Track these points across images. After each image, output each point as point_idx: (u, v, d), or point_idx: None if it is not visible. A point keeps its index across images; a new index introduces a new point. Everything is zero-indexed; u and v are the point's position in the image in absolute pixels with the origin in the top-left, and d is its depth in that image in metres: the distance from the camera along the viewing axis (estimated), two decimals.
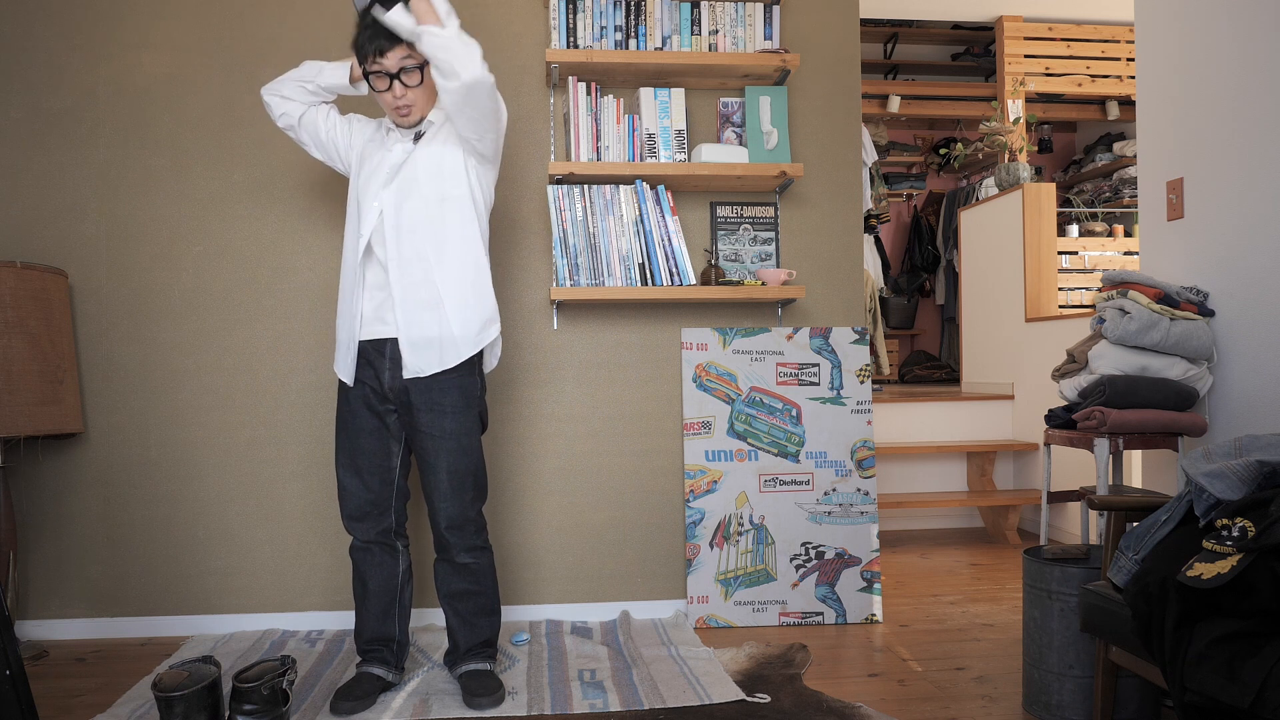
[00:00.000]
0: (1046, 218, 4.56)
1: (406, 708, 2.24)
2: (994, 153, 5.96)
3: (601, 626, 2.91)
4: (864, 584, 3.00)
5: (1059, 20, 5.78)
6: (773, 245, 3.10)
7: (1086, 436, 2.70)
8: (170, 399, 2.91)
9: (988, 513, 4.49)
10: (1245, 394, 2.59)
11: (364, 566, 2.36)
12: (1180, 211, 2.83)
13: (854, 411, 3.05)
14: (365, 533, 2.34)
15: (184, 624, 2.90)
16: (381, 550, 2.36)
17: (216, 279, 2.94)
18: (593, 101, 2.89)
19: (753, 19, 2.98)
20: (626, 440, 3.04)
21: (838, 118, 3.15)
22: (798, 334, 3.06)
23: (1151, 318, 2.61)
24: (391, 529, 2.36)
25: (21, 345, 2.60)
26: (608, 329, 3.04)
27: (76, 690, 2.42)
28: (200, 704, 1.90)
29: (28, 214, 2.89)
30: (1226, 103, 2.64)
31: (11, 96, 2.89)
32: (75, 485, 2.89)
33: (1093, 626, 1.91)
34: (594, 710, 2.20)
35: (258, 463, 2.93)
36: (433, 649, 2.68)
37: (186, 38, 2.94)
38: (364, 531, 2.34)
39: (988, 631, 2.85)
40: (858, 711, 2.16)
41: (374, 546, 2.36)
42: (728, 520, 2.98)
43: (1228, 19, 2.63)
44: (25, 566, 2.88)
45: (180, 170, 2.93)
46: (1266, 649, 1.44)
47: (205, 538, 2.92)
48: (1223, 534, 1.59)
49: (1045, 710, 2.13)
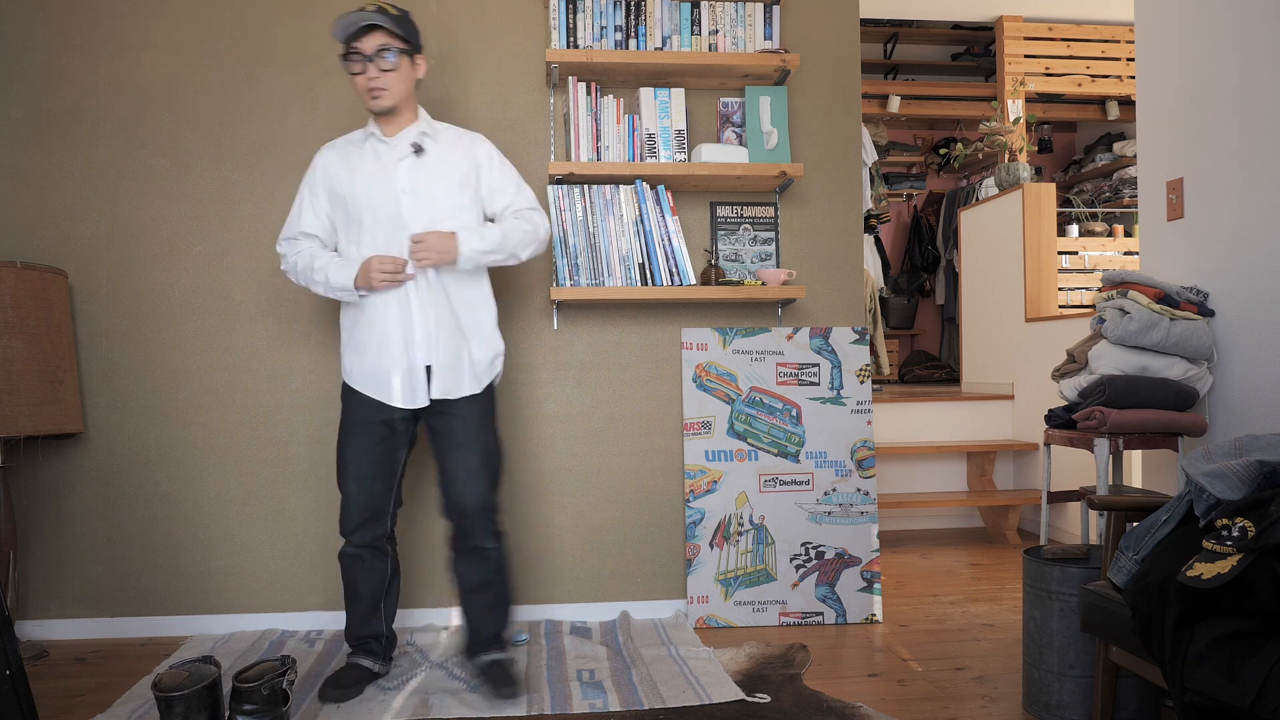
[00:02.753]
0: (1046, 218, 4.56)
1: (406, 708, 2.24)
2: (994, 153, 5.96)
3: (601, 626, 2.91)
4: (864, 584, 3.00)
5: (1059, 20, 5.78)
6: (773, 245, 3.10)
7: (1086, 436, 2.70)
8: (170, 399, 2.91)
9: (988, 513, 4.49)
10: (1245, 394, 2.59)
11: (354, 572, 2.40)
12: (1180, 211, 2.83)
13: (854, 411, 3.05)
14: (362, 538, 2.37)
15: (184, 624, 2.90)
16: (373, 555, 2.40)
17: (216, 279, 2.94)
18: (593, 101, 2.89)
19: (753, 19, 2.98)
20: (626, 440, 3.04)
21: (838, 118, 3.15)
22: (798, 334, 3.06)
23: (1151, 318, 2.60)
24: (385, 534, 2.41)
25: (21, 345, 2.60)
26: (608, 329, 3.04)
27: (76, 690, 2.42)
28: (200, 704, 1.90)
29: (28, 214, 2.89)
30: (1226, 103, 2.64)
31: (11, 96, 2.89)
32: (75, 485, 2.89)
33: (1093, 626, 1.91)
34: (594, 710, 2.20)
35: (258, 463, 2.93)
36: (432, 649, 2.68)
37: (186, 38, 2.94)
38: (361, 537, 2.37)
39: (988, 631, 2.85)
40: (858, 711, 2.16)
41: (365, 552, 2.39)
42: (728, 520, 2.98)
43: (1228, 19, 2.63)
44: (25, 566, 2.88)
45: (180, 170, 2.93)
46: (1266, 649, 1.44)
47: (205, 538, 2.92)
48: (1223, 534, 1.59)
49: (1045, 710, 2.13)
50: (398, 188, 2.30)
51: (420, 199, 2.30)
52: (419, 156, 2.31)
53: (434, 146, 2.35)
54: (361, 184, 2.31)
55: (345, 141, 2.40)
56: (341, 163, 2.35)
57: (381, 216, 2.29)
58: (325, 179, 2.36)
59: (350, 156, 2.35)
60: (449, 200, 2.32)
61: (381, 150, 2.32)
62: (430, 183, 2.31)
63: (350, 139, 2.40)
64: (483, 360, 2.38)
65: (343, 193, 2.33)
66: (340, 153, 2.37)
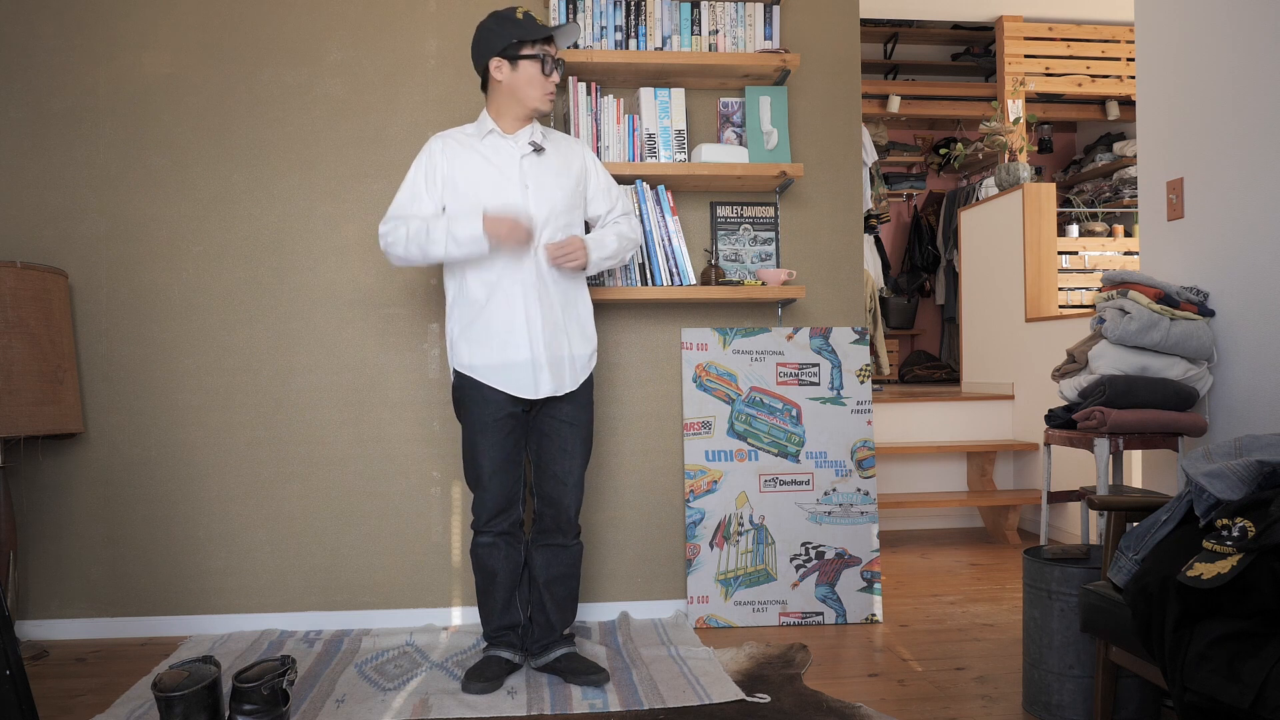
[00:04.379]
0: (1046, 218, 4.56)
1: (406, 708, 2.24)
2: (994, 153, 5.96)
3: (600, 626, 2.91)
4: (864, 584, 3.00)
5: (1059, 20, 5.78)
6: (773, 245, 3.10)
7: (1086, 436, 2.70)
8: (170, 399, 2.91)
9: (988, 513, 4.49)
10: (1245, 394, 2.59)
11: (492, 561, 2.44)
12: (1180, 211, 2.83)
13: (854, 411, 3.05)
14: (499, 526, 2.44)
15: (183, 624, 2.90)
16: (508, 543, 2.46)
17: (216, 279, 2.94)
18: (593, 101, 2.89)
19: (753, 19, 2.98)
20: (626, 440, 3.04)
21: (838, 118, 3.15)
22: (798, 334, 3.06)
23: (1151, 318, 2.60)
24: (519, 520, 2.48)
25: (21, 345, 2.60)
26: (607, 329, 3.04)
27: (76, 690, 2.42)
28: (200, 704, 1.90)
29: (28, 214, 2.89)
30: (1226, 103, 2.64)
31: (11, 96, 2.89)
32: (75, 485, 2.89)
33: (1093, 626, 1.91)
34: (594, 710, 2.20)
35: (258, 463, 2.93)
36: (432, 649, 2.68)
37: (186, 38, 2.94)
38: (498, 525, 2.44)
39: (988, 631, 2.85)
40: (858, 711, 2.16)
41: (502, 540, 2.45)
42: (728, 520, 2.98)
43: (1228, 19, 2.63)
44: (25, 566, 2.88)
45: (180, 170, 2.93)
46: (1266, 649, 1.44)
47: (205, 538, 2.92)
48: (1223, 534, 1.59)
49: (1045, 710, 2.13)
50: (521, 181, 2.38)
51: (541, 193, 2.39)
52: (539, 155, 2.42)
53: (550, 147, 2.46)
54: (485, 174, 2.38)
55: (461, 133, 2.46)
56: (463, 151, 2.41)
57: (501, 207, 2.36)
58: (444, 165, 2.41)
59: (470, 147, 2.42)
60: (564, 196, 2.43)
61: (502, 145, 2.41)
62: (548, 179, 2.41)
63: (465, 131, 2.47)
64: (583, 355, 2.47)
65: (461, 180, 2.39)
66: (459, 143, 2.43)
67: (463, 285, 2.40)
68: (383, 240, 2.41)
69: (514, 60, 2.35)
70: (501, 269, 2.36)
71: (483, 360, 2.37)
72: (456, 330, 2.42)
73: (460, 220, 2.31)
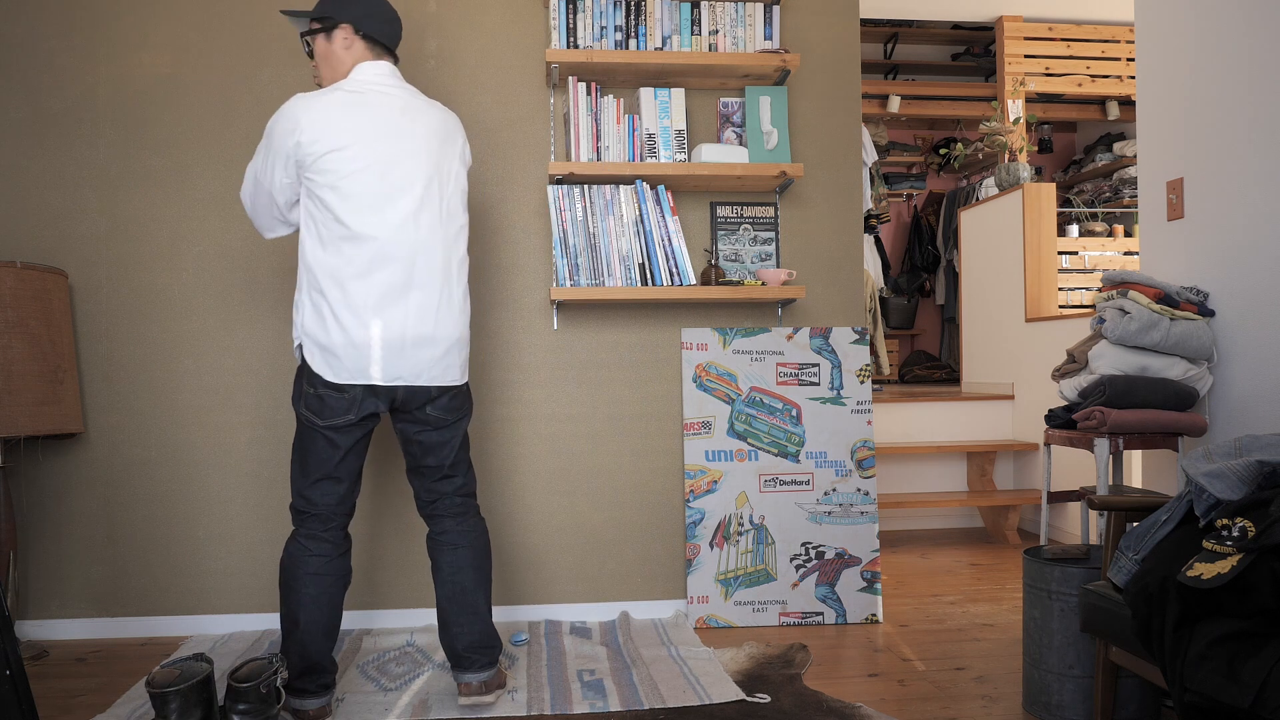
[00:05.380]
0: (1046, 218, 4.56)
1: (408, 708, 2.24)
2: (994, 153, 5.96)
3: (601, 626, 2.91)
4: (864, 584, 3.00)
5: (1059, 20, 5.78)
6: (773, 245, 3.10)
7: (1086, 436, 2.70)
8: (170, 399, 2.91)
9: (988, 513, 4.49)
10: (1245, 394, 2.59)
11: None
12: (1180, 211, 2.83)
13: (854, 411, 3.05)
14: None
15: (183, 624, 2.90)
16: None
17: (216, 279, 2.94)
18: (593, 101, 2.89)
19: (753, 19, 2.98)
20: (626, 440, 3.04)
21: (838, 118, 3.15)
22: (798, 334, 3.06)
23: (1151, 318, 2.60)
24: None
25: (21, 345, 2.60)
26: (608, 329, 3.04)
27: (76, 690, 2.42)
28: (194, 700, 1.90)
29: (28, 214, 2.89)
30: (1227, 103, 2.64)
31: (11, 96, 2.89)
32: (75, 485, 2.89)
33: (1093, 626, 1.91)
34: (594, 710, 2.20)
35: (258, 463, 2.93)
36: (432, 649, 2.68)
37: (186, 38, 2.94)
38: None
39: (988, 631, 2.85)
40: (858, 711, 2.16)
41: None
42: (728, 520, 2.98)
43: (1228, 19, 2.63)
44: (25, 566, 2.88)
45: (180, 170, 2.93)
46: (1267, 649, 1.44)
47: (205, 538, 2.92)
48: (1223, 534, 1.59)
49: (1045, 710, 2.13)
50: None
51: None
52: None
53: None
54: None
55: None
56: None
57: None
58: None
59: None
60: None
61: None
62: None
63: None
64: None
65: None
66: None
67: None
68: None
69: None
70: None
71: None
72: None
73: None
